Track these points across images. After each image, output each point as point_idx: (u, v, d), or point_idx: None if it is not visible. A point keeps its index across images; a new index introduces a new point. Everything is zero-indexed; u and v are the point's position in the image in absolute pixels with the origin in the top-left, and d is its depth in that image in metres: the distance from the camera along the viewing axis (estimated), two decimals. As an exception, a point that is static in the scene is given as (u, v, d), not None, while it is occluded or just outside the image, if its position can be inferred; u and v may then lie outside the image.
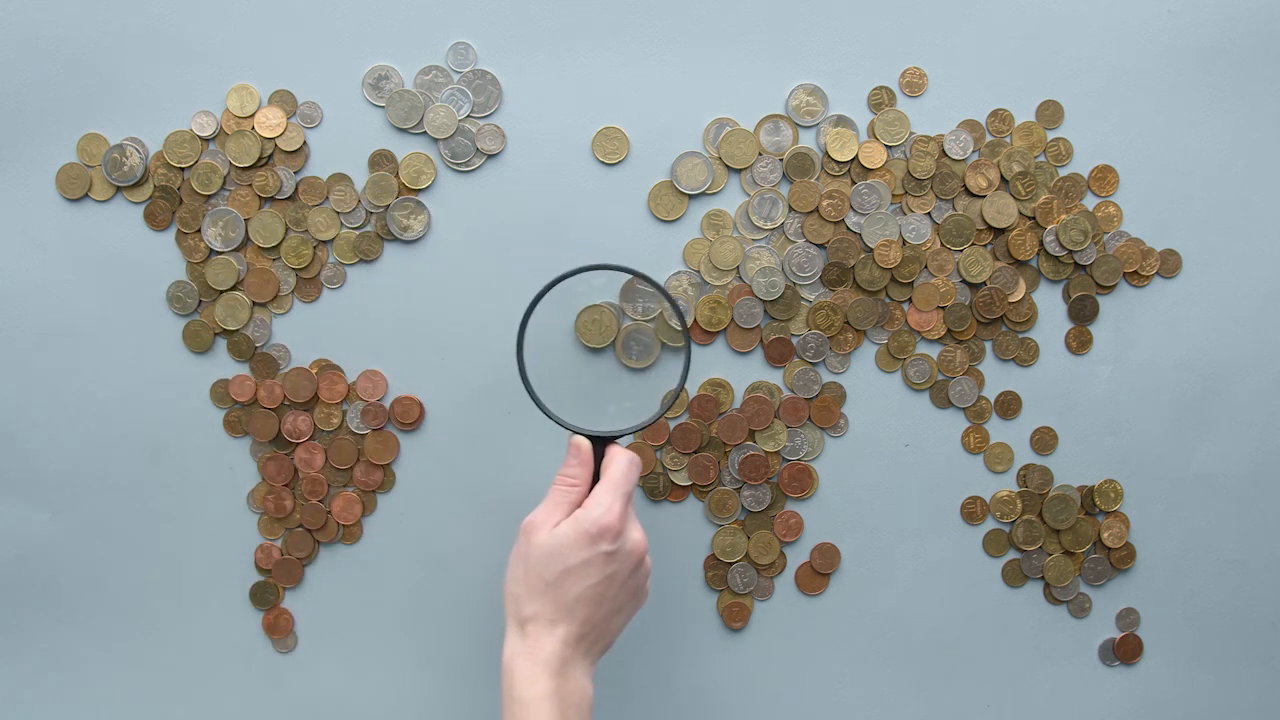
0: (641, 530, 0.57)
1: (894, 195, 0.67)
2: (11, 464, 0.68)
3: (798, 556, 0.70)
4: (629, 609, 0.58)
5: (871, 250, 0.67)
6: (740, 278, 0.67)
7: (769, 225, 0.66)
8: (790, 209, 0.66)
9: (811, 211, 0.66)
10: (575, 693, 0.54)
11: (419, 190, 0.66)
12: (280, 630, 0.69)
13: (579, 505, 0.56)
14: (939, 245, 0.67)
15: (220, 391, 0.67)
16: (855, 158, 0.66)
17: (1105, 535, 0.70)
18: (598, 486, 0.56)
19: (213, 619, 0.70)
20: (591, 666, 0.56)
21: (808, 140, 0.66)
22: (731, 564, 0.69)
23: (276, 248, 0.66)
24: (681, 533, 0.69)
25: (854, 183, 0.67)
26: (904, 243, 0.67)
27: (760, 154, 0.66)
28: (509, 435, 0.68)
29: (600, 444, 0.58)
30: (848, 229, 0.67)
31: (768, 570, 0.70)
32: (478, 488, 0.69)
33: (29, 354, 0.67)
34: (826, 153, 0.66)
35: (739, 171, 0.66)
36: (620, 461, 0.57)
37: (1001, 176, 0.67)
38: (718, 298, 0.67)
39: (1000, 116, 0.67)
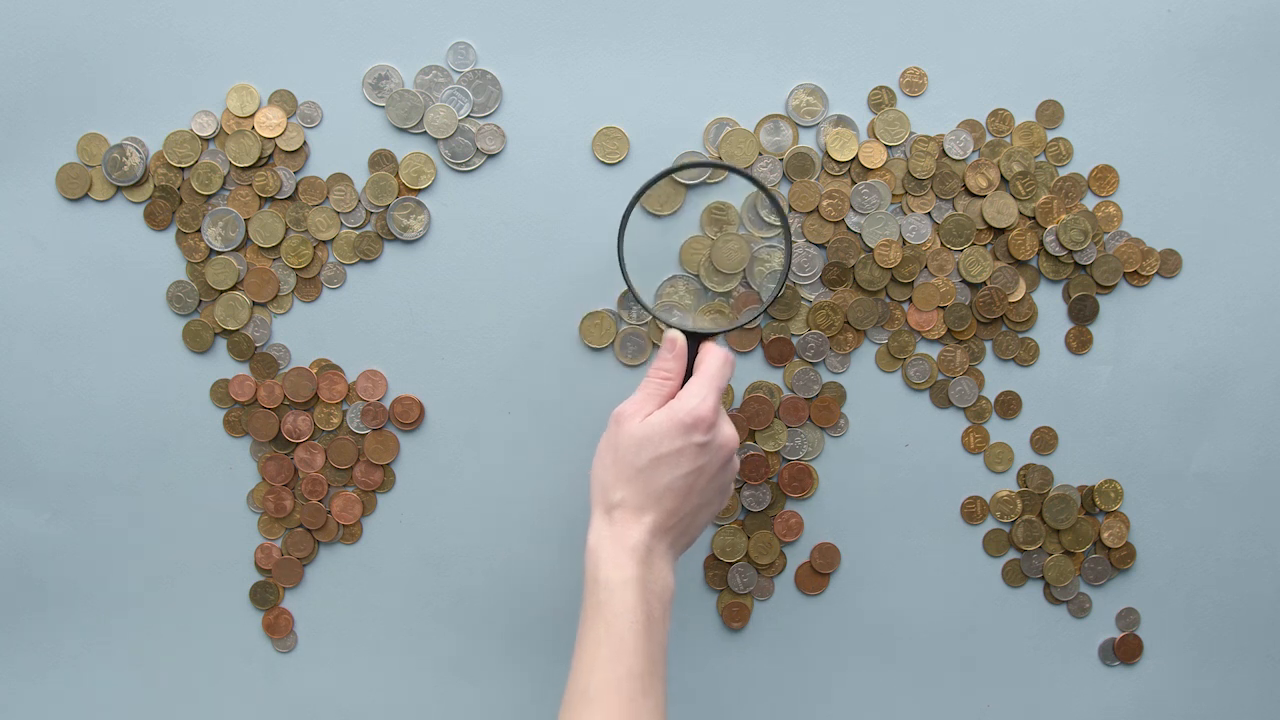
0: (733, 427, 0.56)
1: (894, 195, 0.67)
2: (11, 464, 0.68)
3: (798, 556, 0.70)
4: (714, 506, 0.57)
5: (871, 250, 0.67)
6: (745, 283, 0.67)
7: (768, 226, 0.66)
8: (790, 209, 0.66)
9: (812, 211, 0.66)
10: (658, 581, 0.54)
11: (419, 190, 0.66)
12: (280, 630, 0.69)
13: (671, 398, 0.56)
14: (939, 245, 0.67)
15: (220, 391, 0.67)
16: (855, 158, 0.66)
17: (1105, 535, 0.70)
18: (692, 379, 0.56)
19: (213, 619, 0.70)
20: (674, 560, 0.56)
21: (808, 140, 0.66)
22: (731, 564, 0.69)
23: (276, 248, 0.66)
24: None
25: (854, 183, 0.67)
26: (904, 243, 0.67)
27: (760, 154, 0.66)
28: (509, 435, 0.68)
29: (694, 341, 0.58)
30: (848, 229, 0.67)
31: (768, 570, 0.70)
32: (478, 488, 0.69)
33: (29, 354, 0.67)
34: (826, 153, 0.66)
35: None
36: (715, 357, 0.57)
37: (1001, 176, 0.67)
38: (719, 307, 0.66)
39: (1000, 116, 0.67)
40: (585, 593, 0.54)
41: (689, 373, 0.57)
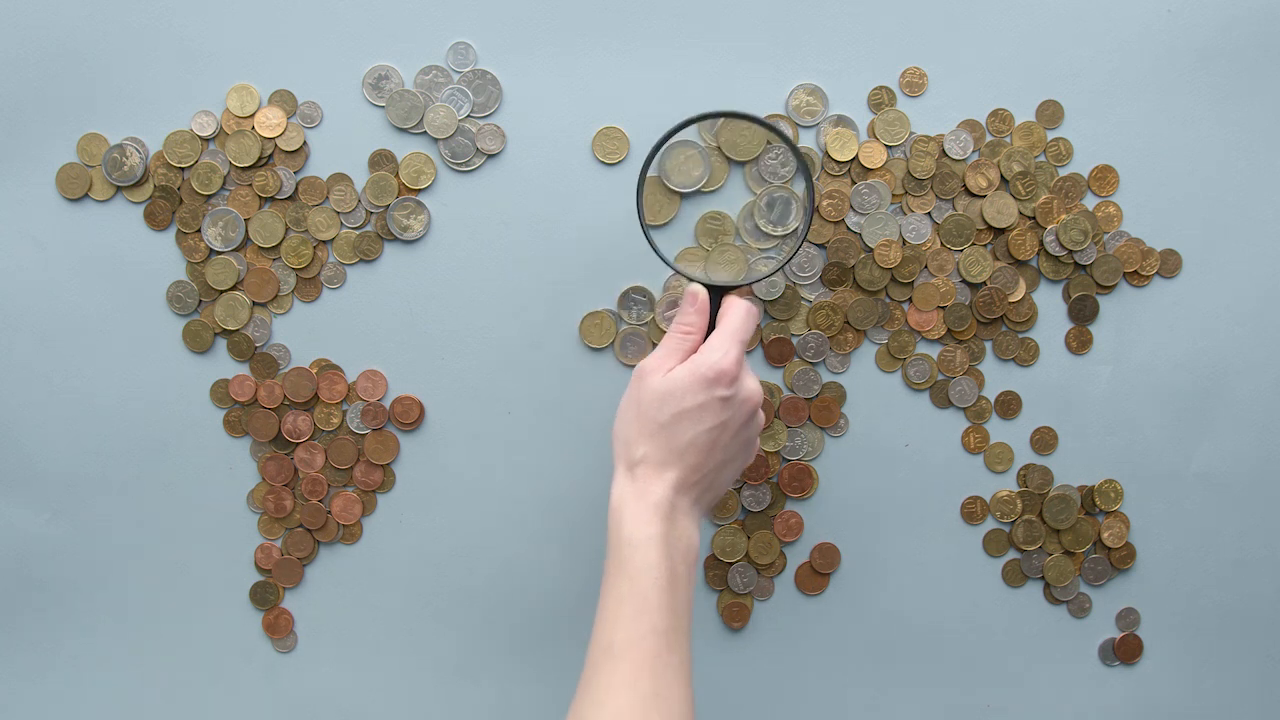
0: (757, 381, 0.56)
1: (894, 195, 0.67)
2: (11, 464, 0.68)
3: (798, 556, 0.70)
4: (739, 461, 0.56)
5: (871, 250, 0.67)
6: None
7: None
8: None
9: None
10: (682, 539, 0.53)
11: (419, 190, 0.66)
12: (280, 630, 0.69)
13: (693, 353, 0.55)
14: (939, 245, 0.67)
15: (220, 391, 0.67)
16: (855, 158, 0.66)
17: (1105, 535, 0.70)
18: (714, 333, 0.55)
19: (213, 619, 0.70)
20: (700, 517, 0.55)
21: (808, 140, 0.66)
22: (731, 564, 0.69)
23: (276, 248, 0.66)
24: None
25: (854, 182, 0.67)
26: (904, 243, 0.67)
27: (769, 142, 0.66)
28: (509, 435, 0.68)
29: (716, 294, 0.57)
30: (848, 229, 0.67)
31: (768, 570, 0.70)
32: (478, 488, 0.69)
33: (29, 354, 0.67)
34: (826, 152, 0.66)
35: (742, 164, 0.66)
36: (738, 310, 0.56)
37: (1001, 176, 0.67)
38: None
39: (1000, 116, 0.67)
40: (608, 550, 0.53)
41: (711, 327, 0.57)
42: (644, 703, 0.48)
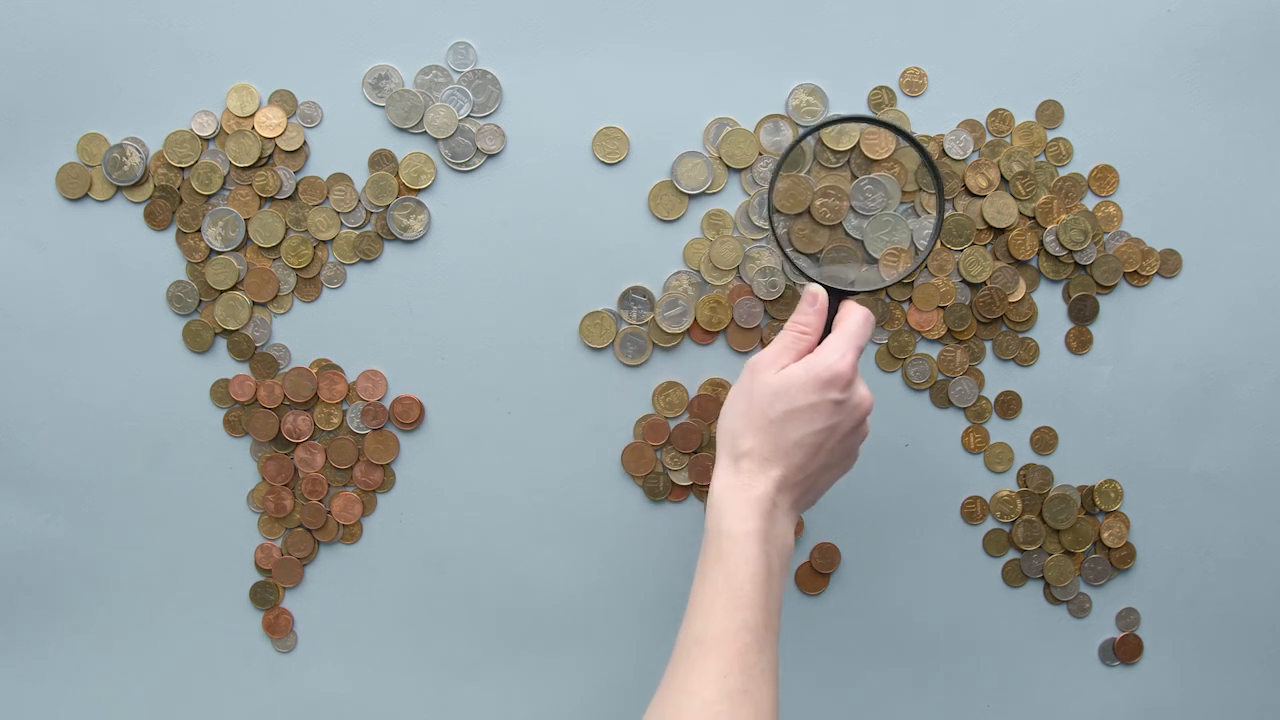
0: (868, 390, 0.56)
1: (904, 193, 0.67)
2: (11, 464, 0.68)
3: (798, 556, 0.70)
4: (840, 468, 0.56)
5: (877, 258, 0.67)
6: (740, 277, 0.67)
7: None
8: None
9: (805, 213, 0.66)
10: (780, 537, 0.53)
11: (419, 190, 0.66)
12: (280, 630, 0.69)
13: (807, 353, 0.55)
14: (939, 245, 0.67)
15: (220, 391, 0.67)
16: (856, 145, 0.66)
17: (1105, 535, 0.70)
18: (831, 335, 0.55)
19: (213, 619, 0.70)
20: (795, 517, 0.55)
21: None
22: (731, 564, 0.69)
23: (276, 248, 0.66)
24: (681, 533, 0.69)
25: (855, 177, 0.66)
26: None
27: (760, 154, 0.66)
28: (509, 435, 0.68)
29: (835, 298, 0.57)
30: (845, 234, 0.67)
31: (768, 570, 0.70)
32: (478, 488, 0.69)
33: (29, 354, 0.67)
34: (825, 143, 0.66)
35: (739, 171, 0.66)
36: (856, 314, 0.56)
37: (1001, 176, 0.67)
38: (718, 297, 0.67)
39: (1000, 116, 0.67)
40: (705, 541, 0.52)
41: (826, 330, 0.56)
42: (732, 698, 0.48)
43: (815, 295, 0.56)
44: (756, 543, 0.51)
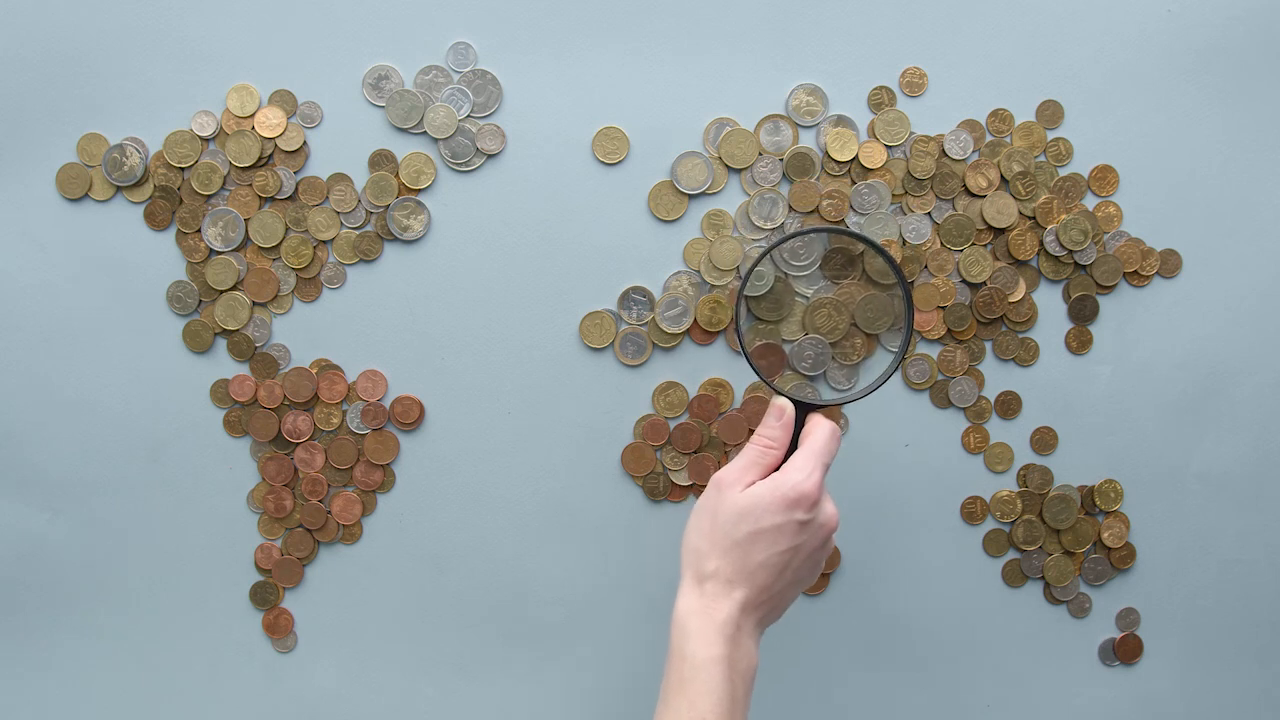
0: (834, 507, 0.55)
1: (894, 195, 0.67)
2: (11, 464, 0.68)
3: (798, 556, 0.70)
4: (805, 583, 0.56)
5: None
6: (740, 277, 0.67)
7: (769, 225, 0.66)
8: (790, 209, 0.66)
9: (811, 211, 0.66)
10: (744, 659, 0.53)
11: (419, 190, 0.66)
12: (280, 630, 0.69)
13: (773, 469, 0.55)
14: (939, 245, 0.67)
15: (220, 391, 0.67)
16: (855, 158, 0.66)
17: (1105, 535, 0.70)
18: (798, 452, 0.55)
19: (213, 619, 0.70)
20: (759, 635, 0.55)
21: (808, 140, 0.66)
22: (731, 564, 0.69)
23: (276, 248, 0.66)
24: (681, 533, 0.69)
25: (854, 182, 0.67)
26: (904, 243, 0.67)
27: (760, 154, 0.66)
28: (509, 435, 0.68)
29: (802, 411, 0.56)
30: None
31: (768, 570, 0.70)
32: (478, 488, 0.69)
33: (29, 354, 0.67)
34: (827, 153, 0.66)
35: (739, 171, 0.66)
36: (823, 430, 0.55)
37: (1001, 176, 0.67)
38: (718, 298, 0.67)
39: (1000, 116, 0.67)
40: (669, 662, 0.52)
41: (792, 445, 0.56)
42: None
43: (782, 409, 0.56)
44: (721, 669, 0.51)
